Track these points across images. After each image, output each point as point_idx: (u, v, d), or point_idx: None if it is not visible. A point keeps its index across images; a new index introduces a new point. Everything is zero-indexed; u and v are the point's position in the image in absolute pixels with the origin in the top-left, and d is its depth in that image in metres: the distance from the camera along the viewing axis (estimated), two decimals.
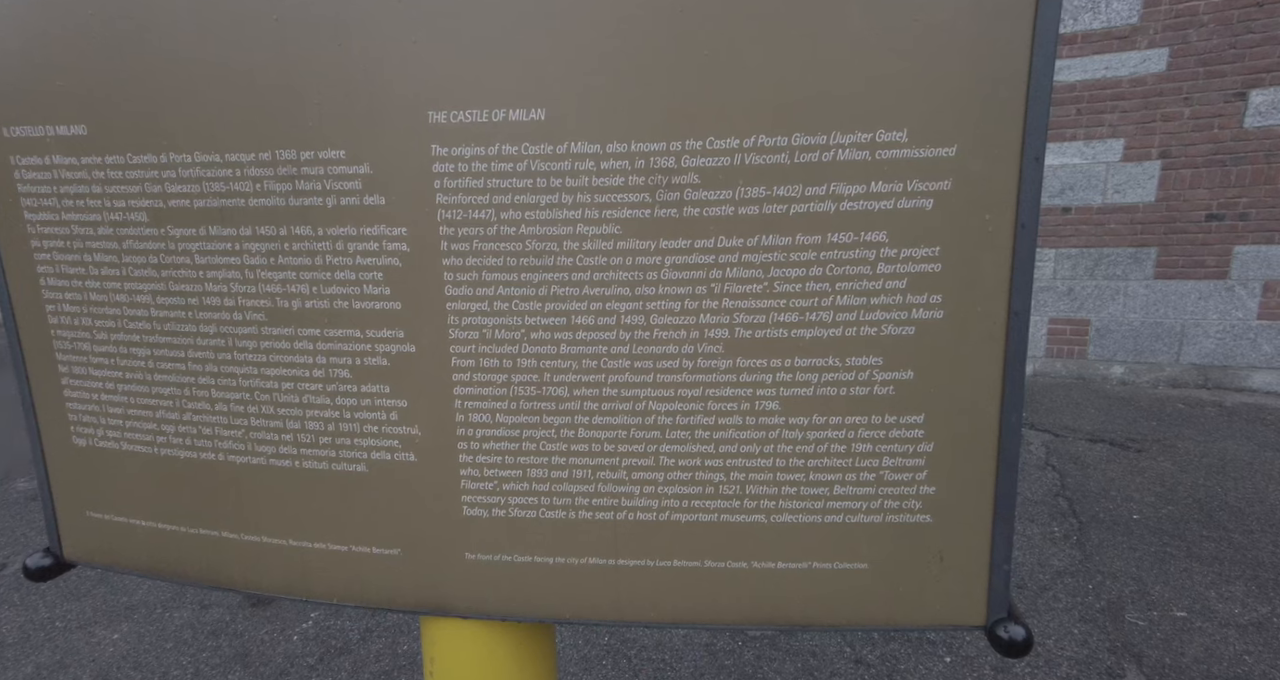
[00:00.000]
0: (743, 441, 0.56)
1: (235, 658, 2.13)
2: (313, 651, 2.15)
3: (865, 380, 0.54)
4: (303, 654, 2.15)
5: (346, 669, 2.07)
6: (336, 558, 0.63)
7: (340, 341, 0.58)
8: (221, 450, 0.63)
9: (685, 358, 0.55)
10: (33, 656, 2.13)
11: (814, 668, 2.07)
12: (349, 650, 2.16)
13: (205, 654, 2.15)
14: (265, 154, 0.55)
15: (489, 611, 0.62)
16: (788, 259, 0.53)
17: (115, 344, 0.63)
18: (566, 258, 0.54)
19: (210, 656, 2.13)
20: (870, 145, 0.50)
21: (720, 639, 2.21)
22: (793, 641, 2.20)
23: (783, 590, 0.58)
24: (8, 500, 3.32)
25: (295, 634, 2.25)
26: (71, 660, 2.11)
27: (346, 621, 2.31)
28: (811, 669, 2.06)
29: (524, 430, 0.58)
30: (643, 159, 0.52)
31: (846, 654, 2.12)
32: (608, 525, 0.59)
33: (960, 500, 0.55)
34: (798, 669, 2.06)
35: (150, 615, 2.37)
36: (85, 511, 0.69)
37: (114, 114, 0.57)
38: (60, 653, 2.15)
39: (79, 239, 0.61)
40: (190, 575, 0.67)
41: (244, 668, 2.08)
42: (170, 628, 2.29)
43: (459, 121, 0.53)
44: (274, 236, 0.57)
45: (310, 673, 2.05)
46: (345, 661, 2.10)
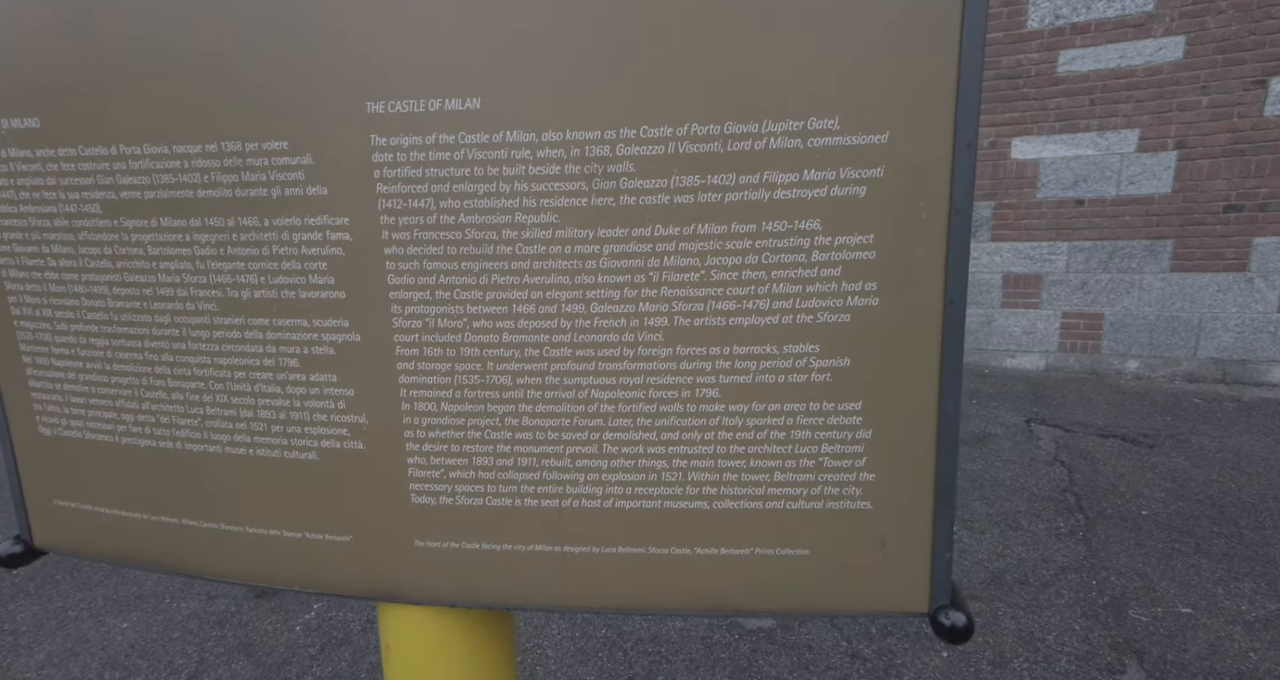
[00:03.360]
0: (684, 429, 0.56)
1: (239, 647, 2.17)
2: (314, 642, 2.19)
3: (803, 367, 0.54)
4: (305, 644, 2.18)
5: (346, 659, 2.10)
6: (292, 545, 0.64)
7: (288, 331, 0.59)
8: (179, 439, 0.64)
9: (626, 346, 0.55)
10: (45, 644, 2.18)
11: (809, 661, 2.06)
12: (349, 641, 2.19)
13: (210, 643, 2.19)
14: (211, 145, 0.56)
15: (439, 598, 0.62)
16: (724, 247, 0.52)
17: (75, 334, 0.64)
18: (506, 246, 0.55)
19: (215, 646, 2.17)
20: (802, 133, 0.50)
21: (716, 632, 2.21)
22: (789, 635, 2.20)
23: (727, 576, 0.58)
24: None
25: (298, 624, 2.29)
26: (82, 648, 2.16)
27: (349, 613, 2.34)
28: (807, 662, 2.05)
29: (469, 419, 0.59)
30: (578, 147, 0.52)
31: (843, 648, 2.12)
32: (553, 513, 0.59)
33: (899, 487, 0.55)
34: (793, 662, 2.05)
35: (158, 605, 2.42)
36: (52, 500, 0.70)
37: (64, 106, 0.58)
38: (72, 641, 2.20)
39: (37, 231, 0.62)
40: (153, 562, 0.68)
41: (247, 657, 2.12)
42: (177, 618, 2.34)
43: (396, 111, 0.53)
44: (222, 227, 0.58)
45: (311, 662, 2.08)
46: (345, 652, 2.13)
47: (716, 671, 2.02)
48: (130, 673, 2.04)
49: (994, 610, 2.27)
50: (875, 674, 1.99)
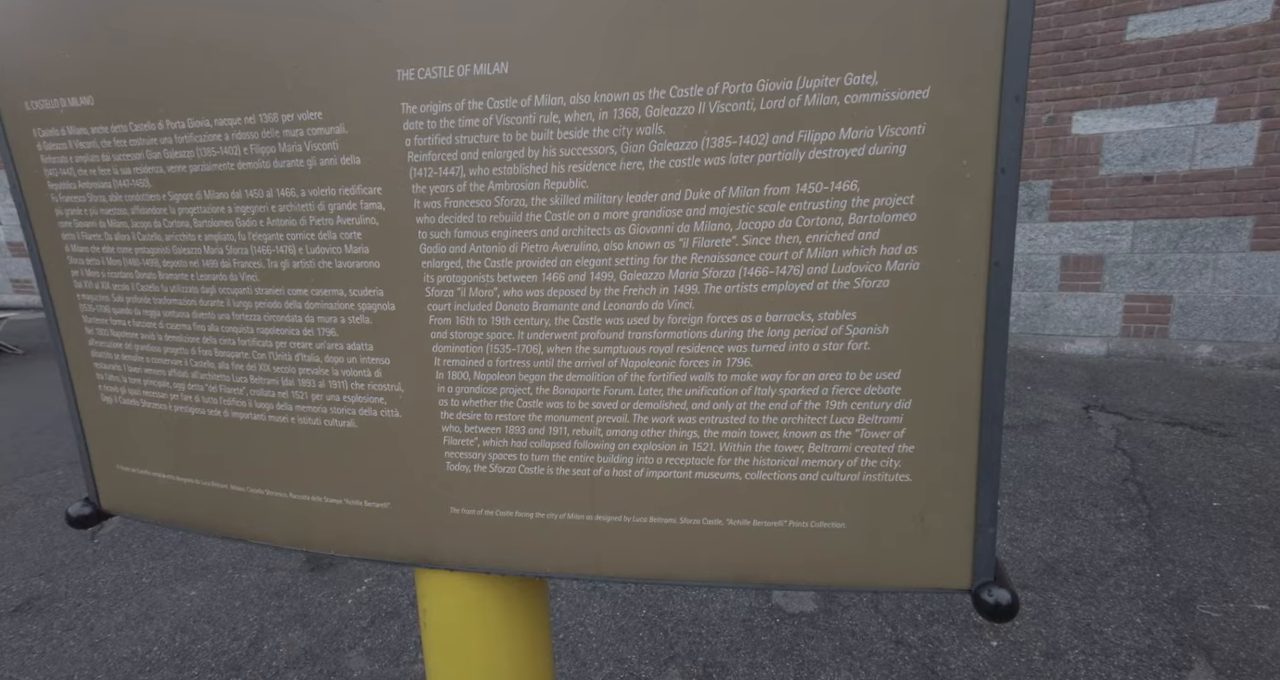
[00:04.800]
0: (715, 398, 0.55)
1: (295, 617, 2.27)
2: (365, 614, 2.27)
3: (839, 335, 0.52)
4: (356, 616, 2.26)
5: (395, 632, 2.17)
6: (332, 510, 0.65)
7: (326, 301, 0.60)
8: (225, 407, 0.66)
9: (655, 314, 0.54)
10: (123, 607, 2.33)
11: (852, 646, 2.03)
12: (399, 614, 2.26)
13: (269, 613, 2.29)
14: (250, 117, 0.57)
15: (474, 564, 0.63)
16: (756, 211, 0.51)
17: (130, 306, 0.67)
18: (534, 214, 0.54)
19: (274, 615, 2.28)
20: (838, 89, 0.48)
21: (757, 615, 2.20)
22: (832, 619, 2.17)
23: (759, 548, 0.57)
24: None
25: (350, 598, 2.38)
26: (155, 612, 2.30)
27: (397, 588, 2.43)
28: (850, 647, 2.03)
29: (500, 387, 0.59)
30: (606, 110, 0.51)
31: (887, 634, 2.08)
32: (584, 481, 0.59)
33: (940, 460, 0.52)
34: (836, 647, 2.03)
35: (222, 575, 2.55)
36: (115, 465, 0.74)
37: (115, 84, 0.60)
38: (146, 605, 2.34)
39: (94, 206, 0.65)
40: (205, 526, 0.71)
41: (303, 627, 2.21)
42: (239, 587, 2.46)
43: (426, 78, 0.53)
44: (262, 199, 0.59)
45: (363, 634, 2.17)
46: (395, 624, 2.21)
47: (758, 653, 2.02)
48: (198, 637, 2.16)
49: (1047, 600, 2.19)
50: (920, 661, 1.95)
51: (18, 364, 6.48)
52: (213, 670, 2.00)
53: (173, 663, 2.04)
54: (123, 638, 2.16)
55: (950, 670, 1.90)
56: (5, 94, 0.64)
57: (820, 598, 2.29)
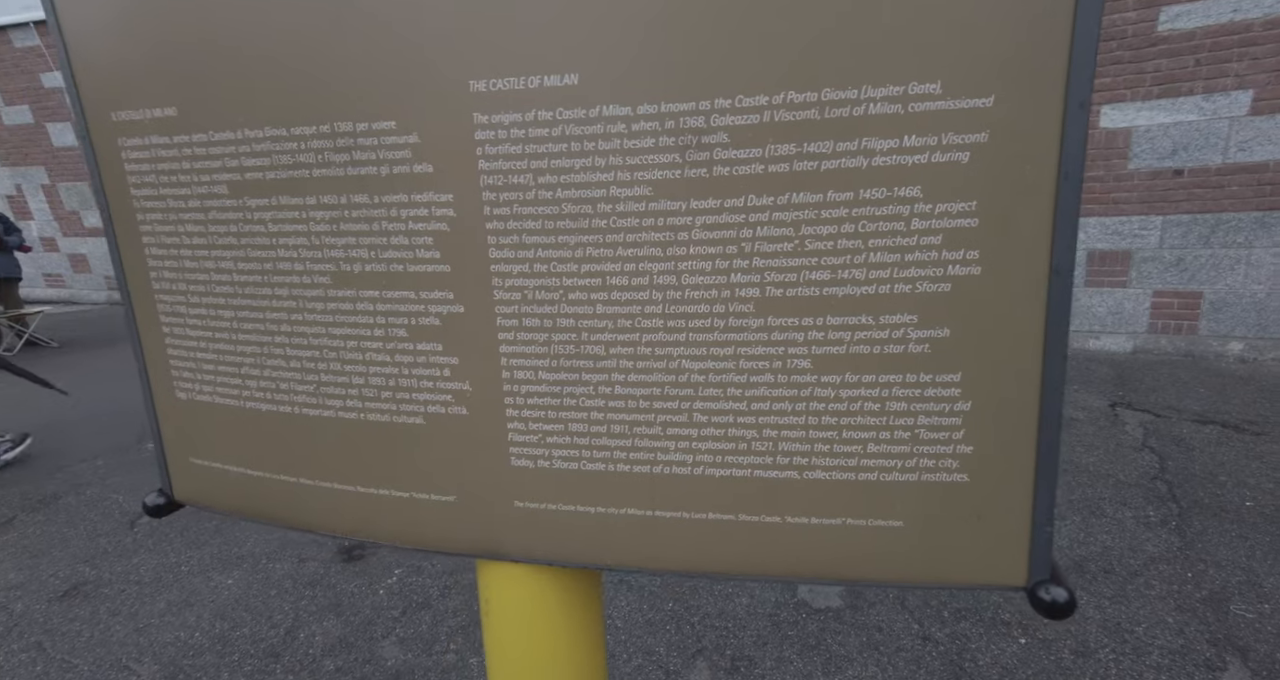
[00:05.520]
0: (774, 399, 0.57)
1: (329, 607, 2.32)
2: (397, 605, 2.32)
3: (900, 338, 0.53)
4: (388, 606, 2.32)
5: (427, 622, 2.22)
6: (399, 504, 0.68)
7: (397, 302, 0.63)
8: (296, 403, 0.69)
9: (716, 317, 0.56)
10: (164, 594, 2.40)
11: (879, 642, 2.05)
12: (429, 605, 2.31)
13: (304, 602, 2.35)
14: (325, 126, 0.60)
15: (536, 556, 0.66)
16: (819, 216, 0.52)
17: (205, 307, 0.70)
18: (600, 220, 0.56)
19: (308, 604, 2.34)
20: (902, 98, 0.49)
21: (784, 610, 2.22)
22: (858, 615, 2.18)
23: (817, 545, 0.59)
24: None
25: (381, 588, 2.43)
26: (195, 599, 2.37)
27: (427, 579, 2.47)
28: (877, 643, 2.04)
29: (564, 387, 0.61)
30: (672, 119, 0.53)
31: (914, 630, 2.09)
32: (644, 478, 0.61)
33: (999, 460, 0.54)
34: (863, 642, 2.04)
35: (257, 565, 2.61)
36: (188, 458, 0.77)
37: (197, 96, 0.62)
38: (186, 592, 2.41)
39: (174, 211, 0.68)
40: (274, 518, 0.75)
41: (337, 616, 2.27)
42: (274, 577, 2.52)
43: (498, 89, 0.55)
44: (335, 205, 0.62)
45: (395, 624, 2.21)
46: (426, 615, 2.25)
47: (785, 648, 2.03)
48: (237, 624, 2.23)
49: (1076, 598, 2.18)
50: (948, 657, 1.96)
51: (52, 356, 6.65)
52: (253, 656, 2.06)
53: (214, 648, 2.10)
54: (166, 623, 2.23)
55: (979, 667, 1.91)
56: (93, 106, 0.67)
57: (846, 593, 2.30)
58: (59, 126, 10.66)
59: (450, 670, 1.99)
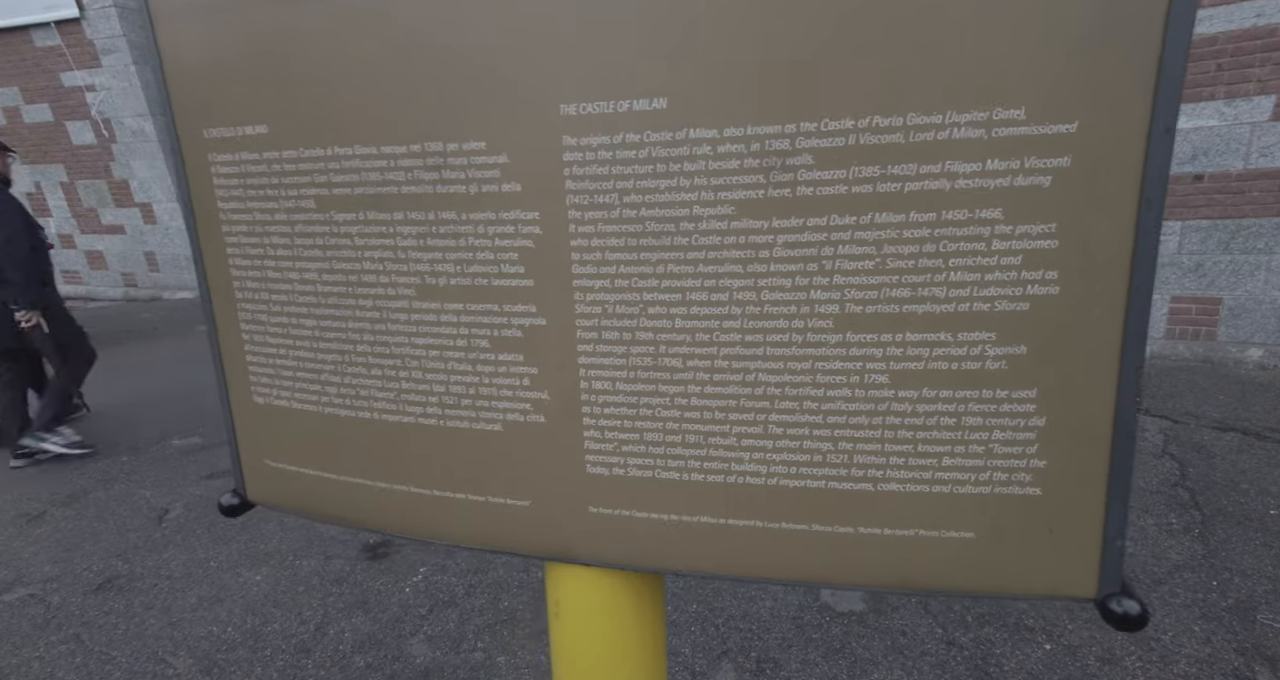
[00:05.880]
0: (851, 413, 0.59)
1: (357, 604, 2.36)
2: (423, 603, 2.35)
3: (977, 355, 0.55)
4: (414, 604, 2.35)
5: (454, 620, 2.25)
6: (475, 507, 0.70)
7: (480, 315, 0.65)
8: (376, 410, 0.71)
9: (795, 332, 0.58)
10: (195, 589, 2.44)
11: (903, 646, 2.06)
12: (455, 603, 2.34)
13: (331, 599, 2.39)
14: (415, 146, 0.62)
15: (609, 560, 0.68)
16: (901, 236, 0.54)
17: (287, 315, 0.72)
18: (683, 237, 0.58)
19: (336, 601, 2.37)
20: (986, 123, 0.50)
21: (807, 613, 2.23)
22: (882, 619, 2.20)
23: (889, 554, 0.61)
24: (166, 455, 3.77)
25: (407, 586, 2.46)
26: (225, 595, 2.40)
27: (452, 577, 2.50)
28: (901, 647, 2.05)
29: (641, 397, 0.63)
30: (758, 142, 0.55)
31: (938, 635, 2.10)
32: (718, 487, 0.63)
33: (1072, 474, 0.55)
34: (887, 646, 2.06)
35: (283, 562, 2.65)
36: (263, 460, 0.80)
37: (289, 114, 0.65)
38: (216, 588, 2.45)
39: (259, 224, 0.70)
40: (348, 519, 0.77)
41: (365, 613, 2.30)
42: (301, 574, 2.56)
43: (587, 113, 0.57)
44: (423, 221, 0.64)
45: (422, 622, 2.24)
46: (452, 613, 2.28)
47: (809, 651, 2.05)
48: (267, 619, 2.26)
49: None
50: (973, 662, 1.97)
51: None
52: (284, 652, 2.10)
53: (246, 643, 2.14)
54: (198, 618, 2.27)
55: (1004, 672, 1.91)
56: (185, 122, 0.70)
57: (869, 597, 2.31)
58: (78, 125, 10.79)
59: (479, 668, 2.02)
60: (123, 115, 9.90)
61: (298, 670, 2.02)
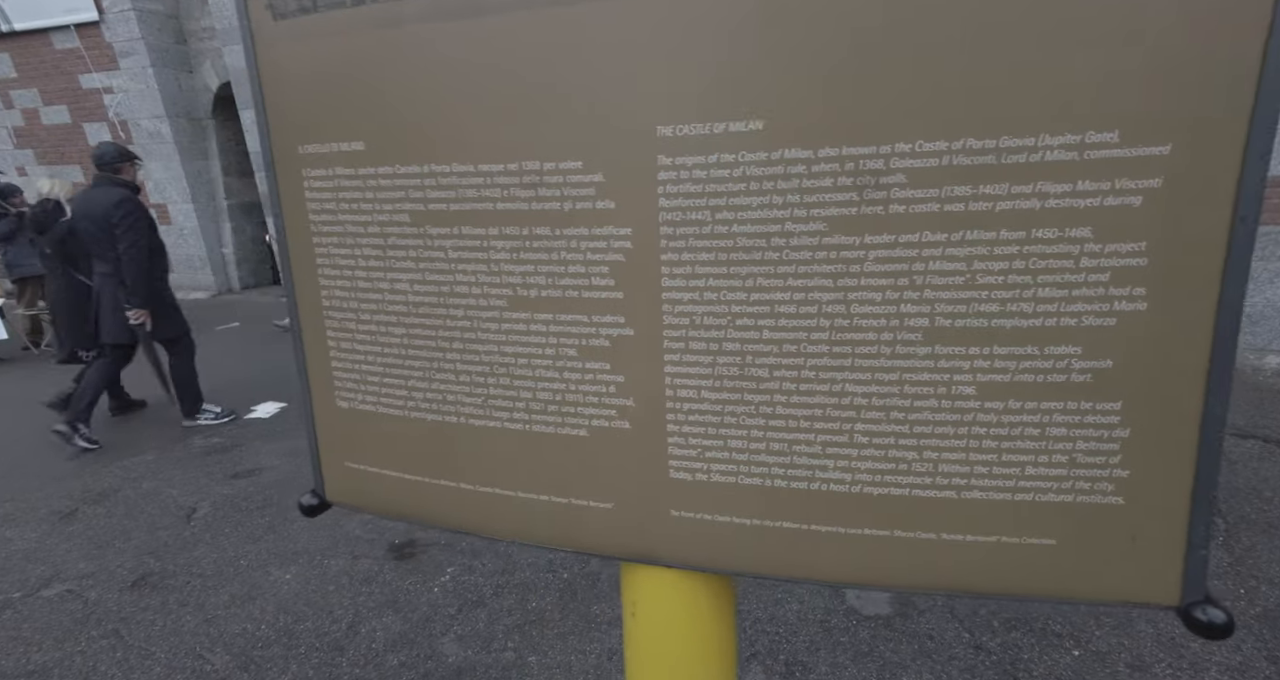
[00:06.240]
0: (937, 423, 0.60)
1: (387, 603, 2.39)
2: (452, 603, 2.38)
3: (1063, 368, 0.57)
4: (443, 604, 2.37)
5: (483, 620, 2.27)
6: (558, 509, 0.73)
7: (570, 325, 0.67)
8: (463, 414, 0.74)
9: (884, 344, 0.60)
10: (227, 587, 2.48)
11: (931, 650, 2.07)
12: (484, 603, 2.37)
13: (361, 598, 2.42)
14: (513, 165, 0.64)
15: (690, 562, 0.70)
16: (991, 253, 0.56)
17: (376, 323, 0.75)
18: (773, 252, 0.60)
19: (366, 600, 2.40)
20: (1079, 146, 0.52)
21: (834, 617, 2.25)
22: (908, 623, 2.21)
23: (969, 560, 0.63)
24: (190, 455, 3.82)
25: (435, 586, 2.49)
26: (257, 593, 2.44)
27: (479, 577, 2.53)
28: (929, 651, 2.06)
29: (726, 406, 0.65)
30: (852, 162, 0.57)
31: (965, 639, 2.11)
32: (801, 494, 0.65)
33: (1155, 484, 0.57)
34: (915, 650, 2.07)
35: (312, 561, 2.68)
36: (344, 462, 0.83)
37: (387, 133, 0.68)
38: (247, 586, 2.48)
39: (351, 236, 0.73)
40: (429, 519, 0.80)
41: (395, 612, 2.33)
42: (330, 573, 2.59)
43: (683, 134, 0.60)
44: (517, 236, 0.66)
45: (451, 622, 2.27)
46: (481, 613, 2.31)
47: (838, 654, 2.06)
48: (300, 617, 2.29)
49: (1127, 611, 2.19)
50: (1002, 667, 1.98)
51: None
52: (318, 650, 2.13)
53: (280, 641, 2.17)
54: (232, 615, 2.30)
55: (1033, 678, 1.92)
56: (280, 138, 0.73)
57: (895, 601, 2.33)
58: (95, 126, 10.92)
59: (510, 668, 2.04)
60: (139, 117, 10.01)
61: (332, 668, 2.05)
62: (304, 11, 0.67)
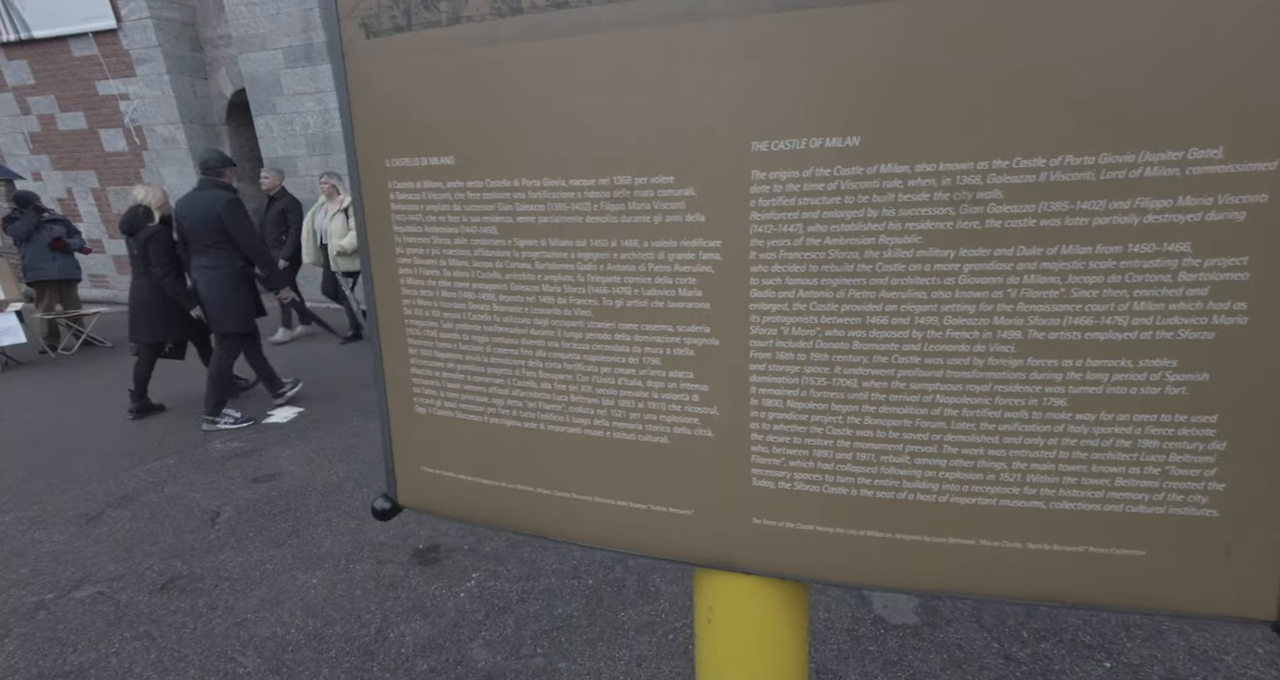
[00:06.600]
0: (1027, 434, 0.61)
1: (414, 608, 2.39)
2: (479, 608, 2.38)
3: (1157, 381, 0.57)
4: (470, 609, 2.38)
5: (510, 625, 2.28)
6: (637, 515, 0.74)
7: (654, 335, 0.69)
8: (543, 421, 0.75)
9: (976, 356, 0.61)
10: (255, 591, 2.49)
11: (961, 660, 2.06)
12: (510, 609, 2.37)
13: (388, 603, 2.42)
14: (604, 179, 0.66)
15: (770, 569, 0.71)
16: (1086, 267, 0.57)
17: (459, 332, 0.76)
18: (866, 265, 0.61)
19: (393, 605, 2.41)
20: (1181, 163, 0.53)
21: (861, 626, 2.24)
22: (936, 632, 2.20)
23: (1056, 570, 0.63)
24: (211, 459, 3.84)
25: (461, 591, 2.50)
26: (285, 597, 2.45)
27: (505, 583, 2.54)
28: (959, 661, 2.06)
29: (812, 416, 0.66)
30: (949, 177, 0.58)
31: (995, 650, 2.10)
32: (887, 503, 0.66)
33: (1252, 497, 0.57)
34: (944, 660, 2.06)
35: (337, 566, 2.69)
36: (419, 466, 0.84)
37: (478, 148, 0.69)
38: (275, 590, 2.50)
39: (436, 247, 0.74)
40: (505, 523, 0.81)
41: (423, 617, 2.34)
42: (356, 577, 2.60)
43: (778, 149, 0.61)
44: (605, 248, 0.68)
45: (479, 627, 2.28)
46: (509, 619, 2.31)
47: (867, 663, 2.06)
48: (328, 622, 2.30)
49: (1157, 624, 2.18)
50: (1032, 678, 1.97)
51: (108, 356, 6.87)
52: (348, 654, 2.14)
53: (310, 645, 2.18)
54: (261, 619, 2.31)
55: None
56: (368, 151, 0.74)
57: (921, 610, 2.32)
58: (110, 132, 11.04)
59: (540, 674, 2.04)
60: (155, 123, 10.11)
61: (363, 673, 2.05)
62: (398, 30, 0.69)
